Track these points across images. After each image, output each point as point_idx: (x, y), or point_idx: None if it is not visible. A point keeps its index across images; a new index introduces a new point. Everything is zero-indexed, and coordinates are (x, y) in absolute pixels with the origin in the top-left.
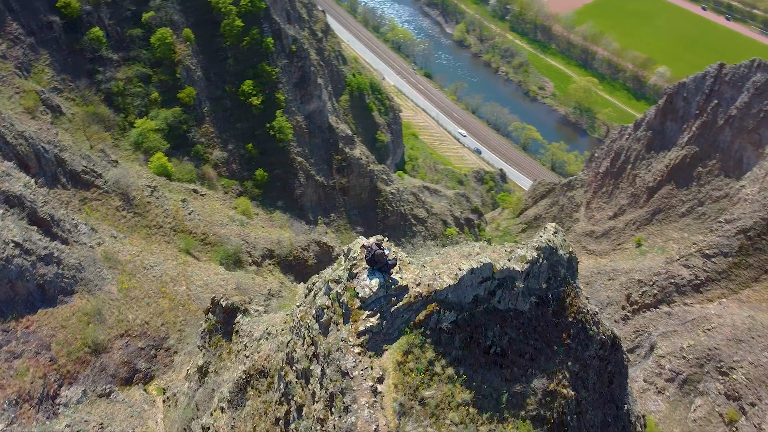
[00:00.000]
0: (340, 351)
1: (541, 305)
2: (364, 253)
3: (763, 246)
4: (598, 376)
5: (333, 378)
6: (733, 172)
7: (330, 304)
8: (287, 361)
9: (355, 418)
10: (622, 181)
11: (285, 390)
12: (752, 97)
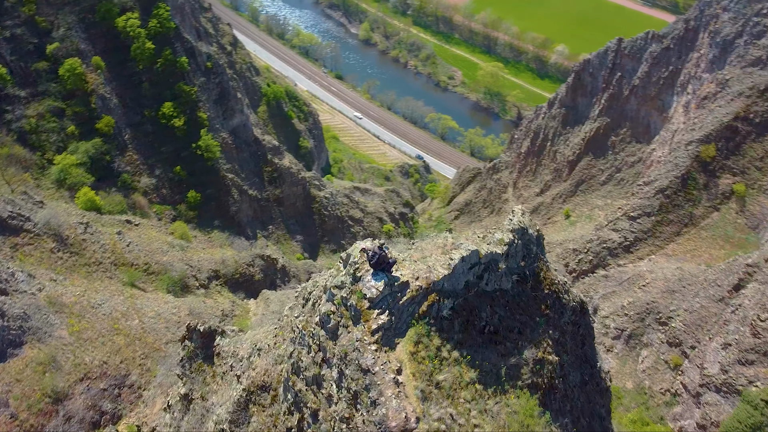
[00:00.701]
0: (357, 351)
1: (521, 282)
2: (367, 256)
3: (680, 202)
4: (573, 340)
5: (354, 377)
6: (643, 138)
7: (335, 310)
8: (293, 372)
9: (385, 409)
10: (544, 159)
11: (294, 399)
12: (651, 67)
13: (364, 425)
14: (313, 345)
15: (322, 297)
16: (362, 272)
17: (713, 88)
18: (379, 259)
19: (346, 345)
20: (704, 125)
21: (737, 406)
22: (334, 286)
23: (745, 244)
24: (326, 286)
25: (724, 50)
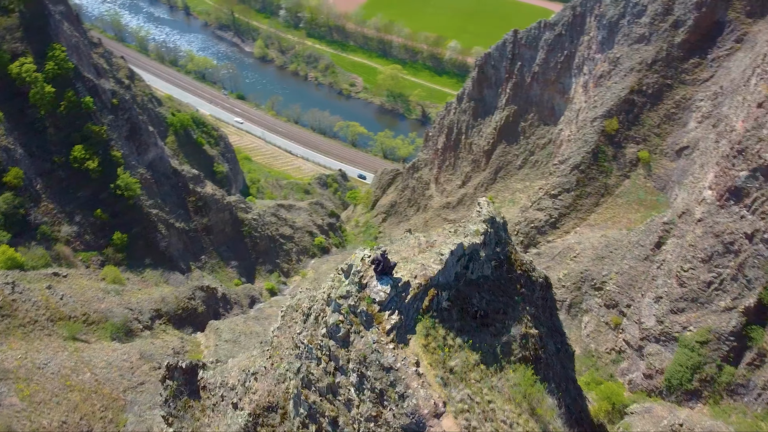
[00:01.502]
0: (376, 352)
1: (498, 267)
2: (374, 264)
3: (594, 175)
4: (544, 313)
5: (377, 376)
6: (550, 120)
7: (344, 318)
8: (303, 386)
9: (415, 399)
10: (461, 152)
11: (309, 412)
12: (547, 53)
13: (395, 419)
14: (322, 356)
15: (327, 309)
16: (367, 279)
17: (606, 67)
18: (383, 265)
19: (362, 349)
20: (604, 101)
21: (676, 352)
22: (340, 296)
23: (657, 205)
24: (330, 299)
25: (611, 31)
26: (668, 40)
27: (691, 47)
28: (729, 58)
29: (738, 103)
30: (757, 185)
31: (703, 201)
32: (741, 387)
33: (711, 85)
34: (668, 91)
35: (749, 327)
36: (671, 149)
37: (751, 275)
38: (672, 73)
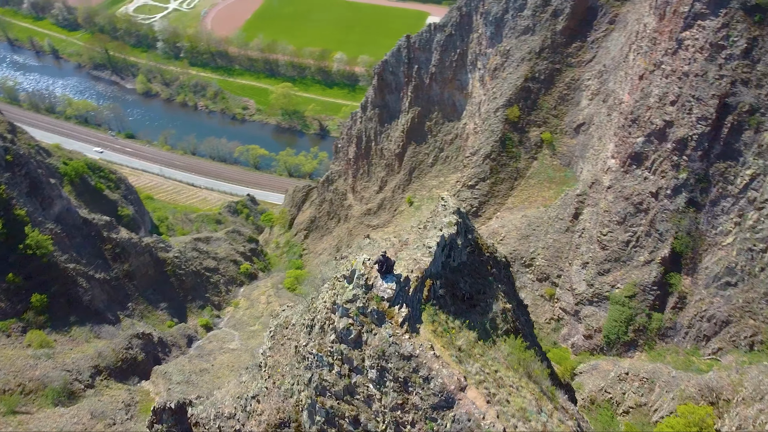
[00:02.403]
0: (395, 344)
1: (471, 253)
2: (378, 265)
3: (505, 161)
4: (510, 288)
5: (399, 366)
6: (453, 116)
7: (354, 321)
8: (318, 394)
9: (441, 379)
10: (373, 158)
11: (326, 418)
12: (441, 54)
13: (422, 401)
14: (335, 361)
15: (333, 316)
16: (372, 280)
17: (499, 60)
18: (386, 265)
19: (379, 345)
20: (503, 92)
21: (609, 309)
22: (346, 301)
23: (566, 180)
24: (335, 306)
25: (498, 26)
26: (551, 28)
27: (572, 33)
28: (606, 38)
29: (621, 78)
30: (653, 148)
31: (608, 170)
32: (670, 330)
33: (595, 64)
34: (558, 74)
35: (668, 275)
36: (570, 127)
37: (662, 228)
38: (559, 58)
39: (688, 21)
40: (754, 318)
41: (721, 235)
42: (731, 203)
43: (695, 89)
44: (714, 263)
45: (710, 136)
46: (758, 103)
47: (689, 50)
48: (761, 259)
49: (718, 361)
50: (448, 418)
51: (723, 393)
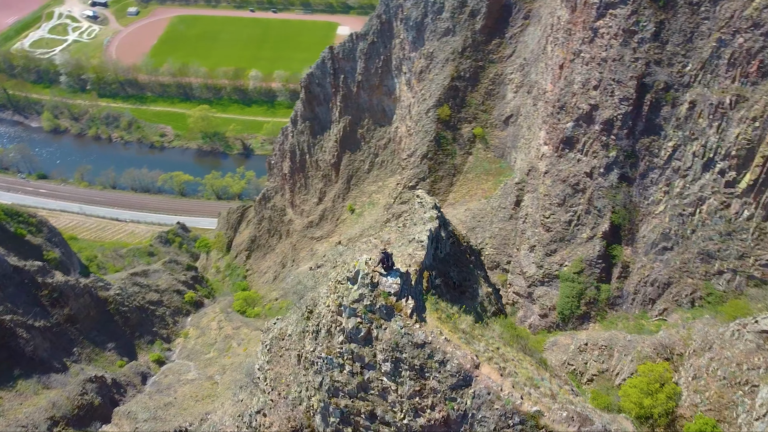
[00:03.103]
0: (407, 335)
1: (453, 244)
2: (381, 263)
3: (442, 159)
4: (482, 272)
5: (413, 354)
6: (384, 121)
7: (362, 319)
8: (330, 396)
9: (456, 360)
10: (309, 170)
11: (340, 418)
12: (366, 62)
13: (440, 384)
14: (346, 361)
15: (340, 319)
16: (377, 278)
17: (424, 63)
18: (389, 262)
19: (391, 338)
20: (432, 93)
21: (560, 287)
22: (353, 301)
23: (502, 171)
24: (341, 308)
25: (419, 30)
26: (470, 28)
27: (491, 30)
28: (523, 33)
29: (542, 69)
30: (582, 131)
31: (543, 156)
32: (618, 298)
33: (515, 58)
34: (482, 71)
35: (610, 247)
36: (499, 120)
37: (600, 205)
38: (481, 56)
39: (600, 11)
40: (692, 277)
41: (653, 204)
42: (659, 174)
43: (614, 73)
44: (650, 231)
45: (633, 115)
46: (671, 80)
47: (605, 38)
48: (691, 222)
49: (665, 320)
50: (467, 395)
51: (675, 348)
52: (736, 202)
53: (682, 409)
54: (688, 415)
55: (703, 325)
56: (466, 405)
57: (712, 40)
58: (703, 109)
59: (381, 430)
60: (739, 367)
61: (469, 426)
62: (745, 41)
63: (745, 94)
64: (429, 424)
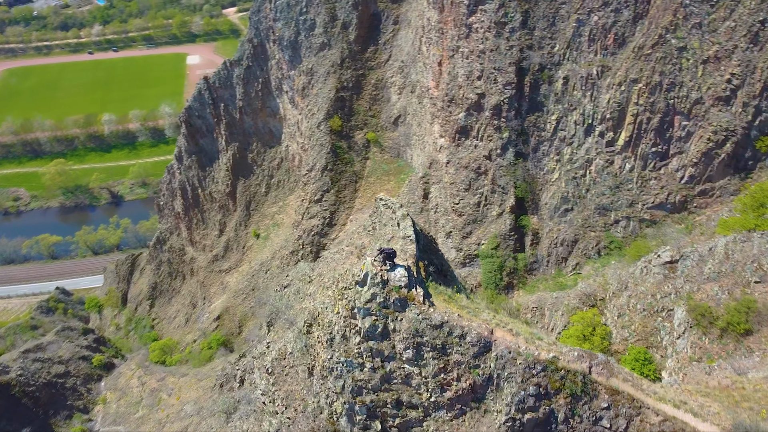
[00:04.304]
0: (425, 320)
1: (424, 236)
2: (388, 258)
3: (341, 168)
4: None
5: (434, 336)
6: (273, 142)
7: (377, 317)
8: (355, 395)
9: (475, 330)
10: (204, 204)
11: (367, 414)
12: (245, 87)
13: (462, 356)
14: (365, 359)
15: (354, 321)
16: (385, 275)
17: (305, 79)
18: (394, 257)
19: (410, 326)
20: (319, 107)
21: (482, 264)
22: (366, 301)
23: (401, 169)
24: (353, 311)
25: (295, 49)
26: (345, 40)
27: (365, 39)
28: (396, 38)
29: (421, 68)
30: (475, 119)
31: (441, 148)
32: (534, 263)
33: (393, 62)
34: (364, 79)
35: (519, 219)
36: (388, 122)
37: (503, 183)
38: (360, 65)
39: (471, 8)
40: (594, 230)
41: (549, 173)
42: (548, 146)
43: (494, 62)
44: (550, 198)
45: (517, 97)
46: (544, 61)
47: (479, 32)
48: (584, 183)
49: (580, 273)
50: (490, 359)
51: (597, 295)
52: (618, 158)
53: (615, 345)
54: (622, 349)
55: (614, 270)
56: (490, 368)
57: (571, 21)
58: (575, 82)
59: (408, 414)
60: (654, 298)
61: (495, 386)
62: (599, 18)
63: (608, 64)
64: (456, 396)
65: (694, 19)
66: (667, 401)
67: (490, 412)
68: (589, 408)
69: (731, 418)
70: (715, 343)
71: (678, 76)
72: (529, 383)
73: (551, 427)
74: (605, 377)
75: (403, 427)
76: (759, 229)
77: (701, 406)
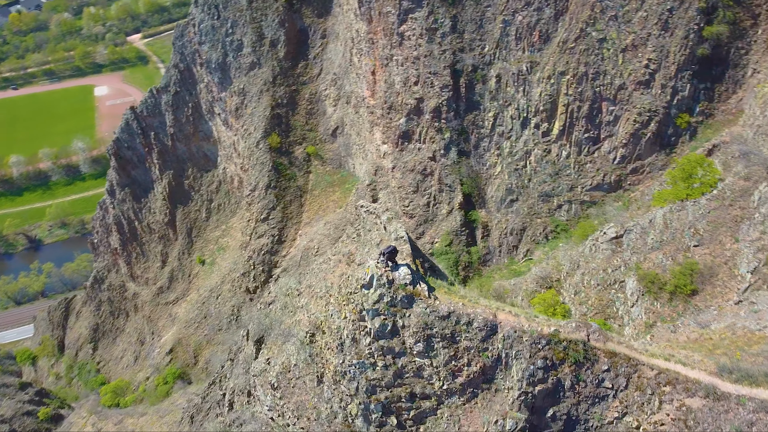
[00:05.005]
0: (433, 312)
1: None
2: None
3: (285, 184)
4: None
5: (443, 326)
6: (209, 165)
7: (386, 316)
8: (369, 394)
9: (481, 316)
10: (143, 237)
11: (383, 411)
12: (175, 113)
13: (471, 341)
14: (377, 359)
15: (363, 323)
16: (390, 275)
17: (237, 99)
18: (395, 255)
19: (419, 320)
20: (256, 126)
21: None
22: (374, 302)
23: (344, 180)
24: (362, 314)
25: (224, 70)
26: (275, 57)
27: (295, 55)
28: (325, 51)
29: (354, 79)
30: (416, 123)
31: (385, 154)
32: (487, 255)
33: (325, 75)
34: (297, 94)
35: (468, 214)
36: (326, 135)
37: (449, 181)
38: (292, 80)
39: (401, 18)
40: (539, 217)
41: (492, 167)
42: (488, 142)
43: (429, 67)
44: (495, 191)
45: (455, 98)
46: (476, 62)
47: (412, 39)
48: (525, 173)
49: (532, 259)
50: (498, 340)
51: (552, 276)
52: (555, 147)
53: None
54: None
55: (564, 251)
56: (498, 349)
57: (498, 22)
58: (507, 79)
59: (422, 405)
60: (605, 272)
61: (504, 365)
62: (523, 18)
63: (536, 60)
64: (468, 380)
65: (610, 12)
66: (658, 356)
67: (501, 390)
68: (591, 372)
69: (713, 363)
70: (666, 307)
71: (601, 66)
72: (537, 357)
73: (560, 396)
74: (602, 342)
75: (417, 418)
76: (690, 198)
77: (687, 357)
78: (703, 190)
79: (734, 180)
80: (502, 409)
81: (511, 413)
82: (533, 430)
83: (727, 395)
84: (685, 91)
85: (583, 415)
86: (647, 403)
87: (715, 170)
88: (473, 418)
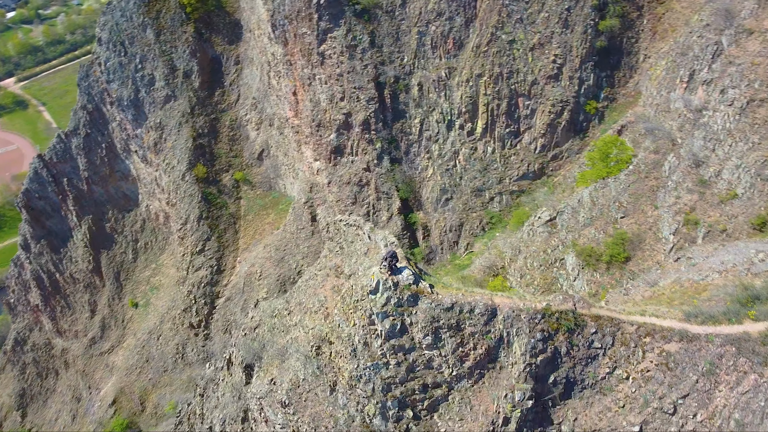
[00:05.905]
0: (438, 306)
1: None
2: (393, 259)
3: (216, 213)
4: None
5: (449, 317)
6: (130, 205)
7: (395, 316)
8: (385, 392)
9: (482, 302)
10: (66, 288)
11: (399, 406)
12: (87, 156)
13: (474, 327)
14: (389, 357)
15: (373, 327)
16: (395, 278)
17: (155, 134)
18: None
19: (426, 315)
20: (179, 158)
21: None
22: (382, 305)
23: (276, 201)
24: (373, 317)
25: (137, 107)
26: (190, 88)
27: (210, 84)
28: (241, 76)
29: (275, 101)
30: (346, 137)
31: (319, 170)
32: (430, 254)
33: (244, 101)
34: (218, 122)
35: (408, 218)
36: (252, 159)
37: (385, 189)
38: (211, 109)
39: (320, 38)
40: (474, 211)
41: (424, 170)
42: (418, 147)
43: (353, 82)
44: (430, 192)
45: (381, 109)
46: (398, 73)
47: (333, 57)
48: (456, 172)
49: (473, 252)
50: (498, 322)
51: (496, 264)
52: (480, 144)
53: None
54: None
55: (502, 241)
56: (499, 330)
57: (413, 34)
58: (428, 86)
59: (434, 393)
60: (546, 253)
61: (506, 344)
62: (437, 28)
63: (453, 65)
64: (475, 362)
65: (516, 16)
66: (634, 313)
67: (505, 367)
68: (582, 336)
69: (680, 311)
70: (605, 276)
71: (513, 65)
72: (536, 330)
73: (558, 362)
74: (587, 309)
75: (431, 407)
76: (611, 175)
77: (657, 310)
78: (621, 167)
79: (645, 155)
80: (508, 383)
81: (518, 385)
82: (538, 398)
83: (698, 336)
84: (590, 81)
85: (579, 376)
86: (632, 354)
87: (627, 148)
88: (482, 397)
